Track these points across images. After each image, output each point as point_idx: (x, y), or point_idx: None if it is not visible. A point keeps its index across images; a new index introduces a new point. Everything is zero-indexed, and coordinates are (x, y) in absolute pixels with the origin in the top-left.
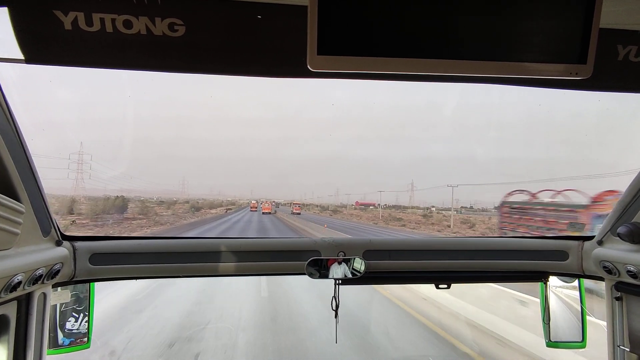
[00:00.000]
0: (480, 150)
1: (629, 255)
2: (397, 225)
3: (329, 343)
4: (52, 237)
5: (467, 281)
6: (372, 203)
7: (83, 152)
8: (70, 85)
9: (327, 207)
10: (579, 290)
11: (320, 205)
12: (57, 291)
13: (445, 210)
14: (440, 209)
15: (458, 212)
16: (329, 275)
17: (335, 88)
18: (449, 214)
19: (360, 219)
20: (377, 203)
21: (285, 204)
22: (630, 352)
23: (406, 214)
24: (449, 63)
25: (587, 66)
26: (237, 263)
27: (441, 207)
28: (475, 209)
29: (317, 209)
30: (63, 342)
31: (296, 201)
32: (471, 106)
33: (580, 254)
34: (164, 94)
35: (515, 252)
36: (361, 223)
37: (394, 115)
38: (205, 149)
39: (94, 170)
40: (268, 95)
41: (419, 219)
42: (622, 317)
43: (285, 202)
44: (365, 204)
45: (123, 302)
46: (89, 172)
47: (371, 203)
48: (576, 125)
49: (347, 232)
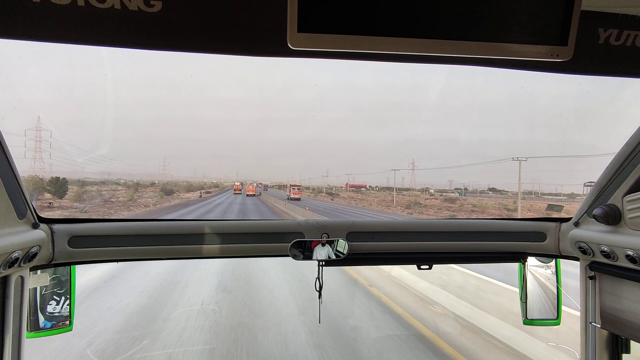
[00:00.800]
0: (464, 132)
1: (603, 236)
2: (432, 212)
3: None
4: (28, 219)
5: (449, 262)
6: (363, 185)
7: (41, 129)
8: (44, 63)
9: (321, 190)
10: (555, 270)
11: (310, 188)
12: (36, 274)
13: (443, 192)
14: (437, 190)
15: (461, 194)
16: (312, 256)
17: (318, 69)
18: (451, 196)
19: (365, 204)
20: (367, 185)
21: (273, 185)
22: (601, 327)
23: (412, 196)
24: (431, 43)
25: (568, 48)
26: (220, 245)
27: (435, 188)
28: (470, 190)
29: (309, 192)
30: (45, 326)
31: (295, 182)
32: (455, 88)
33: (558, 235)
34: (143, 73)
35: (495, 233)
36: (382, 212)
37: (378, 96)
38: (187, 130)
39: (66, 152)
40: (249, 75)
41: (441, 204)
42: (595, 295)
43: (273, 184)
44: (356, 186)
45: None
46: (49, 151)
47: (362, 185)
48: (557, 108)
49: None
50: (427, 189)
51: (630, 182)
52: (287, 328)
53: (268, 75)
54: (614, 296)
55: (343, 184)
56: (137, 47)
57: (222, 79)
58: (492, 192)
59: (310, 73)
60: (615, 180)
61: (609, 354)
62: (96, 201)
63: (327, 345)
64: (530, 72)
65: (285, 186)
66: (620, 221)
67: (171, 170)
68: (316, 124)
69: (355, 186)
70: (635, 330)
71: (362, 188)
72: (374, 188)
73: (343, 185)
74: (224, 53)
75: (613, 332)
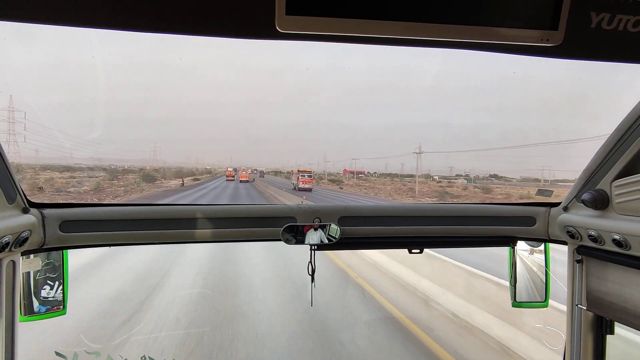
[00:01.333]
0: (456, 116)
1: (592, 220)
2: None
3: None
4: (18, 204)
5: (439, 246)
6: (362, 171)
7: (14, 109)
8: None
9: (322, 177)
10: (544, 253)
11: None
12: (28, 258)
13: (446, 179)
14: (441, 177)
15: (469, 182)
16: (305, 241)
17: (309, 52)
18: (460, 183)
19: (383, 194)
20: (366, 171)
21: (269, 172)
22: (587, 310)
23: (424, 185)
24: (422, 26)
25: (559, 32)
26: (212, 230)
27: (439, 175)
28: (471, 177)
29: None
30: (39, 310)
31: (304, 168)
32: (448, 73)
33: (547, 220)
34: (131, 56)
35: (486, 218)
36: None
37: (371, 80)
38: (178, 113)
39: (47, 135)
40: (240, 59)
41: (475, 194)
42: (582, 278)
43: (269, 170)
44: (355, 172)
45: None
46: (23, 134)
47: (360, 171)
48: (549, 93)
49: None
50: (431, 175)
51: (619, 167)
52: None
53: (259, 59)
54: (600, 279)
55: (339, 170)
56: (125, 29)
57: (212, 62)
58: (495, 178)
59: (301, 57)
60: (605, 166)
61: (594, 335)
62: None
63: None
64: (523, 57)
65: (281, 173)
66: (609, 206)
67: (164, 155)
68: (308, 108)
69: (353, 172)
70: (619, 312)
71: (361, 174)
72: (372, 174)
73: (340, 171)
74: (213, 35)
75: (598, 314)
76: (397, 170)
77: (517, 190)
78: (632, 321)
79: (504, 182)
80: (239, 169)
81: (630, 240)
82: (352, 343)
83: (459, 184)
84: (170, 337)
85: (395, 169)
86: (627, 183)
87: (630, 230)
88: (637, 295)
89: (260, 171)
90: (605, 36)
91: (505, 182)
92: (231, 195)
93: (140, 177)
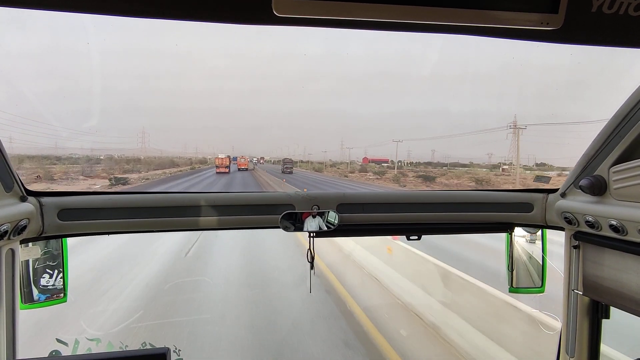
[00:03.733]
0: (455, 103)
1: (589, 206)
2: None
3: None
4: (15, 192)
5: (437, 232)
6: (385, 159)
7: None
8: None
9: (336, 165)
10: (541, 239)
11: (312, 163)
12: (27, 247)
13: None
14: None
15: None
16: (303, 228)
17: (307, 38)
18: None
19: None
20: (389, 159)
21: (272, 160)
22: (583, 295)
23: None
24: (422, 10)
25: (559, 16)
26: (211, 217)
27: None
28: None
29: (333, 171)
30: (39, 298)
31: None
32: (447, 58)
33: (544, 206)
34: (126, 43)
35: (483, 204)
36: None
37: (370, 66)
38: (174, 101)
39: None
40: (237, 45)
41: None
42: (578, 264)
43: (277, 160)
44: (377, 161)
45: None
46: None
47: (383, 159)
48: (548, 79)
49: None
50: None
51: (616, 153)
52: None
53: (256, 45)
54: (596, 264)
55: (358, 157)
56: (119, 14)
57: (209, 49)
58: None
59: (299, 42)
60: (603, 152)
61: (590, 320)
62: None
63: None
64: (522, 42)
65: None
66: (606, 192)
67: (161, 144)
68: (306, 95)
69: (376, 161)
70: (615, 297)
71: (382, 163)
72: (402, 163)
73: (352, 160)
74: (209, 20)
75: (594, 298)
76: (427, 158)
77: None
78: (628, 305)
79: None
80: (237, 157)
81: (627, 225)
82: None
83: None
84: (169, 324)
85: (424, 157)
86: (625, 169)
87: (627, 216)
88: (633, 280)
89: (264, 160)
90: (605, 20)
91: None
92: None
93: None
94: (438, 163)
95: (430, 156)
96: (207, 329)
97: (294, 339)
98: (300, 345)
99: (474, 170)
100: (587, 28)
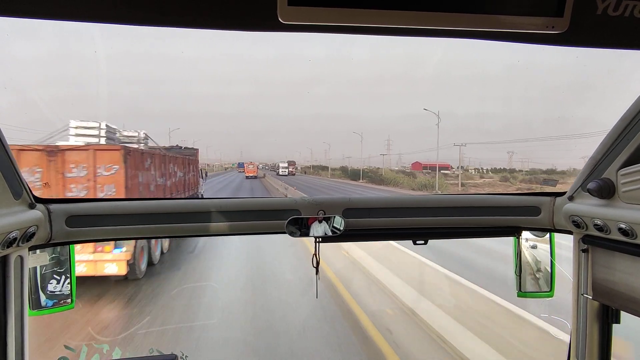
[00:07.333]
0: (461, 106)
1: (597, 209)
2: None
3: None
4: (24, 200)
5: (444, 237)
6: (445, 164)
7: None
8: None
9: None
10: (549, 243)
11: (345, 170)
12: (35, 254)
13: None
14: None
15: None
16: (309, 233)
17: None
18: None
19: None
20: (450, 165)
21: (305, 168)
22: (592, 299)
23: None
24: (427, 15)
25: (564, 19)
26: (217, 223)
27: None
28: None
29: (365, 180)
30: (46, 304)
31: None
32: (452, 62)
33: (552, 209)
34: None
35: (490, 208)
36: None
37: (375, 71)
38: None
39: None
40: (242, 51)
41: None
42: (587, 267)
43: (302, 165)
44: (434, 166)
45: None
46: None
47: (444, 165)
48: (554, 82)
49: None
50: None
51: (625, 155)
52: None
53: (262, 51)
54: (605, 268)
55: (405, 163)
56: (126, 22)
57: (214, 55)
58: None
59: (304, 47)
60: (611, 154)
61: (600, 324)
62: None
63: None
64: (527, 45)
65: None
66: (614, 195)
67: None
68: (311, 100)
69: (432, 166)
70: (625, 301)
71: (444, 170)
72: (478, 170)
73: (403, 165)
74: (215, 28)
75: (604, 303)
76: (495, 162)
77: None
78: (638, 310)
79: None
80: (244, 163)
81: (636, 229)
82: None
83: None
84: (177, 330)
85: (492, 162)
86: (634, 171)
87: (637, 219)
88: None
89: (276, 166)
90: (611, 22)
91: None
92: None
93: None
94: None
95: (507, 161)
96: (213, 335)
97: (302, 344)
98: (307, 351)
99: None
100: (593, 30)
